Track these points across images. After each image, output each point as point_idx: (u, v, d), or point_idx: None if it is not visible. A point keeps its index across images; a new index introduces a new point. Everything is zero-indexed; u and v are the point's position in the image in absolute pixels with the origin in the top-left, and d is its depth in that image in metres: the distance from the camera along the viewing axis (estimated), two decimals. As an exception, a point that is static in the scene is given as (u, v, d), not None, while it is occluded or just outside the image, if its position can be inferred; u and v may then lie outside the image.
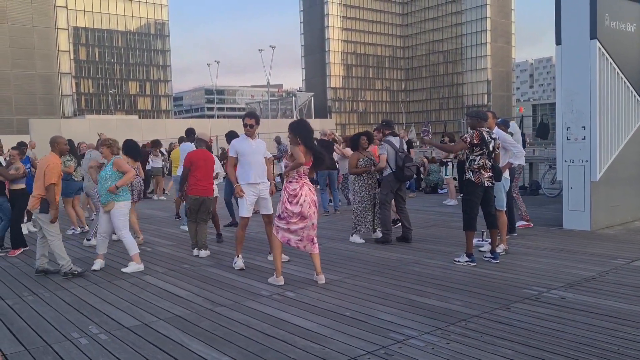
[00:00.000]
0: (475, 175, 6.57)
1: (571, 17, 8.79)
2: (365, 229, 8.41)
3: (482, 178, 6.56)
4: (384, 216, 8.21)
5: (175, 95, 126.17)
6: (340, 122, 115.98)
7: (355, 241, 8.33)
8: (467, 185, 6.67)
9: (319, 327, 4.54)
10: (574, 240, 8.06)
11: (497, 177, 6.75)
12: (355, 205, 8.48)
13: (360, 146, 8.47)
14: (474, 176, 6.57)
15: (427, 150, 22.92)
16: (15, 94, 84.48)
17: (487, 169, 6.60)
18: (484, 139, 6.56)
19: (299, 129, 5.92)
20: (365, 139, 8.55)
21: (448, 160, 13.82)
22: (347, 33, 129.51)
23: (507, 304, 5.00)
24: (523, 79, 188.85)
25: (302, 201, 5.85)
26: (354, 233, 8.42)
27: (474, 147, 6.58)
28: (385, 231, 8.20)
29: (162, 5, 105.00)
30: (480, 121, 6.74)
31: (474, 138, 6.57)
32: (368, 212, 8.38)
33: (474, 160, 6.60)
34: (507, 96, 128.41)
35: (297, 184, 5.89)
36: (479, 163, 6.56)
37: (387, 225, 8.19)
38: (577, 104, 8.73)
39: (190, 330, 4.56)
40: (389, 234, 8.17)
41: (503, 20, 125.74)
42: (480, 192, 6.61)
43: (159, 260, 7.58)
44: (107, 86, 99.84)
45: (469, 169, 6.65)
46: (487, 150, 6.58)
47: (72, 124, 43.18)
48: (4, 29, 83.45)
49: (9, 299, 5.70)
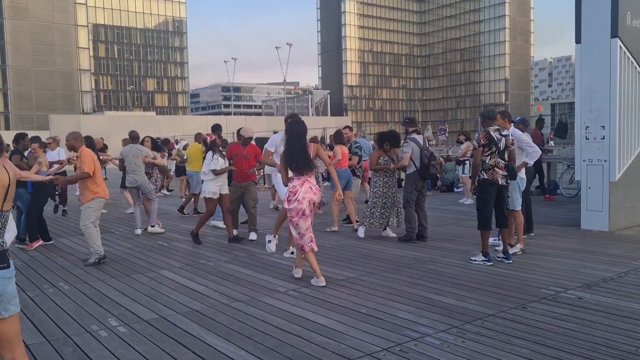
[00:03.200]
0: (488, 173, 6.53)
1: (592, 15, 8.69)
2: (369, 224, 8.44)
3: (495, 176, 6.53)
4: (408, 214, 8.20)
5: (192, 92, 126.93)
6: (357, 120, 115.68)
7: (359, 234, 8.40)
8: (480, 183, 6.63)
9: (335, 323, 4.56)
10: (592, 240, 7.99)
11: (512, 176, 6.71)
12: (368, 198, 8.60)
13: (384, 148, 8.52)
14: (487, 174, 6.54)
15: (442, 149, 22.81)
16: (36, 90, 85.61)
17: (501, 167, 6.56)
18: (492, 139, 6.52)
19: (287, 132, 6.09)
20: (388, 145, 8.53)
21: (465, 158, 13.74)
22: (363, 31, 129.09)
23: (524, 304, 4.98)
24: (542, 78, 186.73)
25: (301, 197, 5.78)
26: (360, 225, 8.48)
27: (484, 147, 6.54)
28: (409, 229, 8.19)
29: (181, 2, 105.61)
30: (487, 120, 6.69)
31: (482, 139, 6.54)
32: (377, 208, 8.41)
33: (484, 160, 6.57)
34: (526, 95, 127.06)
35: (298, 181, 5.87)
36: (490, 162, 6.53)
37: (412, 223, 8.17)
38: (597, 103, 8.63)
39: (207, 325, 4.62)
40: (413, 232, 8.16)
41: (522, 19, 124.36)
42: (493, 190, 6.56)
43: (176, 255, 7.66)
44: (126, 83, 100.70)
45: (482, 169, 6.60)
46: (496, 149, 6.53)
47: (91, 120, 43.65)
48: (25, 25, 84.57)
49: (30, 291, 5.81)
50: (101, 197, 7.18)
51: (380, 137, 8.61)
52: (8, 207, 2.77)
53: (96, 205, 7.16)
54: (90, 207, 7.10)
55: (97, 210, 7.19)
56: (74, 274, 6.59)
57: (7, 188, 2.73)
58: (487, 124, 6.66)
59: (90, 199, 7.07)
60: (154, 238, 9.02)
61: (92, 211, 7.12)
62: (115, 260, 7.38)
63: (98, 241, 7.12)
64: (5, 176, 2.73)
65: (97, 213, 7.23)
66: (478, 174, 6.57)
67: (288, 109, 74.83)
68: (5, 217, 2.76)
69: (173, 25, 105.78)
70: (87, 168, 6.92)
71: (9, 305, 2.72)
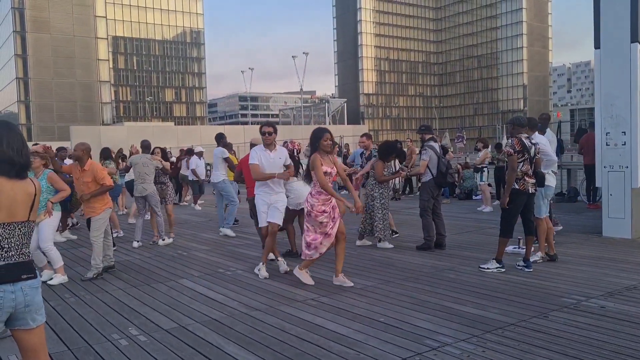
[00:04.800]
0: (519, 183, 6.48)
1: (611, 20, 8.61)
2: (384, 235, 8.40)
3: (526, 185, 6.49)
4: (425, 222, 8.15)
5: (209, 102, 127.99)
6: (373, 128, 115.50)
7: (385, 246, 8.34)
8: (511, 193, 6.50)
9: (354, 332, 4.55)
10: (614, 248, 7.86)
11: (540, 183, 6.67)
12: (376, 211, 8.41)
13: (388, 159, 8.54)
14: (519, 183, 6.48)
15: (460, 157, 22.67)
16: (57, 101, 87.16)
17: (531, 175, 6.53)
18: (524, 145, 6.48)
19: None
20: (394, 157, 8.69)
21: (483, 165, 13.65)
22: (380, 39, 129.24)
23: (545, 312, 4.91)
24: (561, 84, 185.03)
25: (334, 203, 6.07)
26: (381, 239, 8.41)
27: (517, 153, 6.49)
28: (427, 237, 8.14)
29: (198, 14, 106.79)
30: (517, 127, 6.65)
31: (516, 145, 6.49)
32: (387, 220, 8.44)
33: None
34: (544, 101, 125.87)
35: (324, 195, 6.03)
36: (522, 169, 6.47)
37: (430, 232, 8.12)
38: (617, 109, 8.53)
39: (226, 333, 4.64)
40: (431, 241, 8.11)
41: (539, 24, 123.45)
42: (523, 199, 6.53)
43: (195, 264, 7.71)
44: (145, 94, 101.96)
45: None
46: (528, 156, 6.50)
47: (110, 130, 44.21)
48: (47, 39, 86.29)
49: (52, 301, 5.89)
50: (109, 207, 7.26)
51: (386, 150, 8.51)
52: (34, 217, 2.81)
53: (106, 216, 7.19)
54: (102, 218, 7.07)
55: (106, 220, 7.23)
56: (95, 284, 6.66)
57: (33, 198, 2.78)
58: (517, 131, 6.63)
59: (102, 210, 7.06)
60: (173, 247, 9.09)
61: (103, 222, 7.09)
62: (135, 269, 7.46)
63: (101, 255, 7.04)
64: (31, 187, 2.78)
65: (107, 223, 7.28)
66: (514, 182, 6.47)
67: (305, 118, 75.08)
68: (31, 227, 2.81)
69: (191, 37, 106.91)
70: (108, 181, 7.01)
71: (36, 315, 2.76)
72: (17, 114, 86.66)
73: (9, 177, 2.69)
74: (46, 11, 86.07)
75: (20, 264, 2.72)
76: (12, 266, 2.68)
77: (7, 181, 2.68)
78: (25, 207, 2.75)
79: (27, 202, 2.75)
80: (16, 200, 2.70)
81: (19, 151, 2.73)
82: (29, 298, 2.71)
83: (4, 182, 2.68)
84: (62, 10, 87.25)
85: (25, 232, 2.77)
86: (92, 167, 7.02)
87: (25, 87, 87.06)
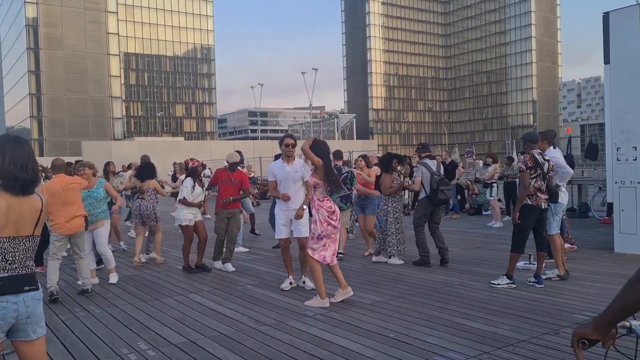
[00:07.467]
0: (532, 199, 6.46)
1: (620, 35, 8.61)
2: (398, 250, 8.37)
3: (539, 201, 6.46)
4: (418, 238, 8.16)
5: (219, 117, 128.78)
6: (382, 143, 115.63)
7: (395, 262, 8.29)
8: (523, 209, 6.48)
9: (363, 348, 4.52)
10: (626, 264, 7.78)
11: (553, 199, 6.64)
12: (389, 226, 8.39)
13: (392, 168, 8.48)
14: (531, 199, 6.46)
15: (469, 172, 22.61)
16: (69, 117, 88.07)
17: (543, 191, 6.50)
18: (537, 161, 6.47)
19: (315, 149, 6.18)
20: (396, 162, 8.63)
21: (493, 181, 13.60)
22: (389, 55, 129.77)
23: (557, 329, 4.86)
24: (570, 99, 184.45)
25: (339, 215, 6.16)
26: (392, 255, 8.37)
27: (530, 170, 6.47)
28: (422, 253, 8.13)
29: (209, 30, 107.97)
30: (530, 143, 6.65)
31: (528, 161, 6.47)
32: (401, 234, 8.40)
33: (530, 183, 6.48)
34: (554, 116, 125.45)
35: (329, 201, 6.11)
36: (535, 185, 6.45)
37: (424, 247, 8.12)
38: (628, 124, 8.49)
39: (235, 349, 4.62)
40: (427, 256, 8.10)
41: (549, 40, 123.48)
42: (535, 215, 6.50)
43: (204, 279, 7.71)
44: (155, 109, 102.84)
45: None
46: (541, 172, 6.48)
47: (121, 145, 44.61)
48: (60, 55, 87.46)
49: (62, 315, 5.91)
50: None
51: (386, 162, 8.54)
52: (39, 232, 2.86)
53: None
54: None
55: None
56: (105, 298, 6.68)
57: (39, 214, 2.83)
58: (529, 147, 6.62)
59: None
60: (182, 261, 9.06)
61: (107, 233, 7.44)
62: (145, 284, 7.47)
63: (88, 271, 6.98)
64: (38, 202, 2.82)
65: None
66: (525, 198, 6.45)
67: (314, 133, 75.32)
68: (35, 242, 2.85)
69: (201, 53, 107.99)
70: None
71: (37, 327, 2.80)
72: (30, 129, 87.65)
73: (14, 193, 2.73)
74: (59, 28, 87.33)
75: (23, 276, 2.77)
76: (15, 278, 2.73)
77: (13, 197, 2.73)
78: (31, 223, 2.80)
79: (33, 217, 2.80)
80: (22, 216, 2.76)
81: (23, 167, 2.74)
82: (31, 309, 2.75)
83: (11, 198, 2.72)
84: (75, 27, 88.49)
85: (29, 247, 2.82)
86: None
87: (37, 103, 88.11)
